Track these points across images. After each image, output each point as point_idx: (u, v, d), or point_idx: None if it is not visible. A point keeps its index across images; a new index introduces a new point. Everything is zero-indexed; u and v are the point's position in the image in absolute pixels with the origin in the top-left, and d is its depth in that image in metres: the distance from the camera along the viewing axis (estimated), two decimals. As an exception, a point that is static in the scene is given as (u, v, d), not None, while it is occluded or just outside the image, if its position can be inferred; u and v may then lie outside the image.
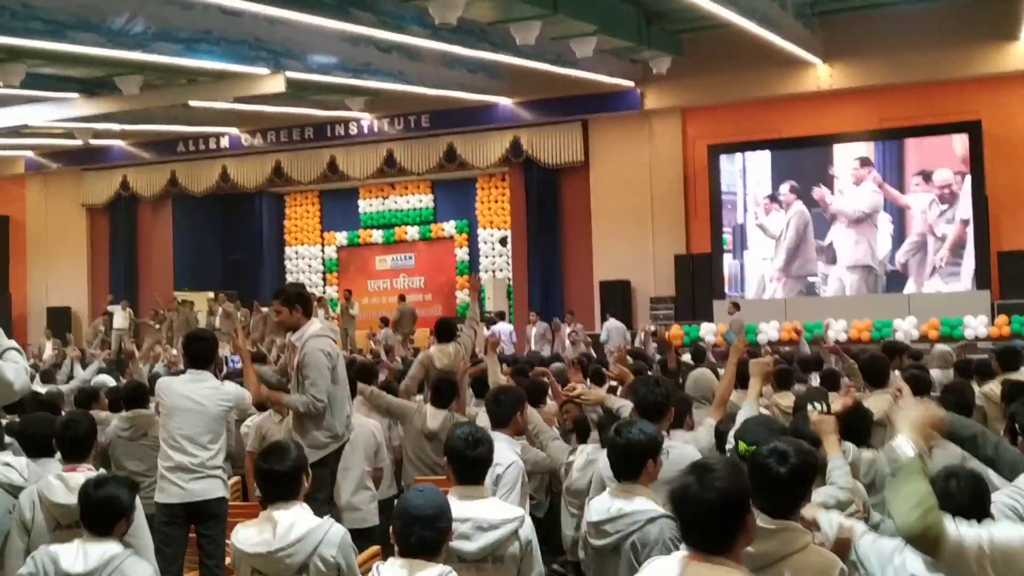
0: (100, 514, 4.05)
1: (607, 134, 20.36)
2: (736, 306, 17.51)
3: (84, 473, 4.71)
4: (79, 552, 3.98)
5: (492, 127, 21.07)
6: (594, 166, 20.57)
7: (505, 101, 20.48)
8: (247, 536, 3.96)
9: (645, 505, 3.94)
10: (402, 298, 21.68)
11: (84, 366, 12.41)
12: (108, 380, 10.79)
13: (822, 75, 18.31)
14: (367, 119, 21.65)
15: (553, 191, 21.23)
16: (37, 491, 4.68)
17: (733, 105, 19.12)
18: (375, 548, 5.06)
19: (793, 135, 18.67)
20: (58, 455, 5.15)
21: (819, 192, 18.37)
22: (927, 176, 17.77)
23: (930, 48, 17.36)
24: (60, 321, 24.03)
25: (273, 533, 3.89)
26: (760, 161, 19.00)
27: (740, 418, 4.72)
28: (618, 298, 19.82)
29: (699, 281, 18.99)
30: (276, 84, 16.35)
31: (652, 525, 3.90)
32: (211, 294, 22.91)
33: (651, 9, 16.28)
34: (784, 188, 18.63)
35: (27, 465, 4.94)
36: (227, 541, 5.98)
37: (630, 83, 19.24)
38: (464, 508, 3.89)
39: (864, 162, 18.18)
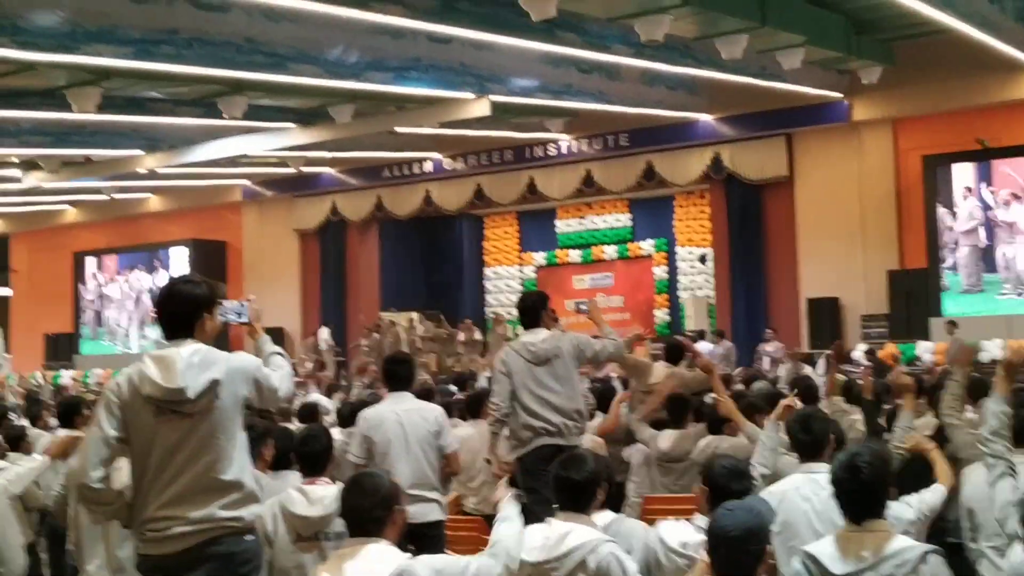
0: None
1: (813, 147, 19.77)
2: (954, 324, 16.66)
3: (323, 486, 4.86)
4: None
5: (692, 144, 20.78)
6: (799, 181, 20.00)
7: (705, 117, 20.19)
8: (530, 540, 4.00)
9: None
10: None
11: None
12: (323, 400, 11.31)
13: (1044, 79, 17.30)
14: (566, 140, 21.78)
15: (756, 207, 20.72)
16: (279, 504, 4.83)
17: (948, 114, 18.26)
18: None
19: (1013, 143, 17.67)
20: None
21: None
22: None
23: None
24: (274, 341, 25.02)
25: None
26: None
27: None
28: (826, 316, 19.20)
29: (914, 298, 18.17)
30: (481, 108, 16.65)
31: None
32: (414, 314, 23.46)
33: (861, 17, 15.71)
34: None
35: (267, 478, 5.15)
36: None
37: (837, 95, 18.66)
38: None
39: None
